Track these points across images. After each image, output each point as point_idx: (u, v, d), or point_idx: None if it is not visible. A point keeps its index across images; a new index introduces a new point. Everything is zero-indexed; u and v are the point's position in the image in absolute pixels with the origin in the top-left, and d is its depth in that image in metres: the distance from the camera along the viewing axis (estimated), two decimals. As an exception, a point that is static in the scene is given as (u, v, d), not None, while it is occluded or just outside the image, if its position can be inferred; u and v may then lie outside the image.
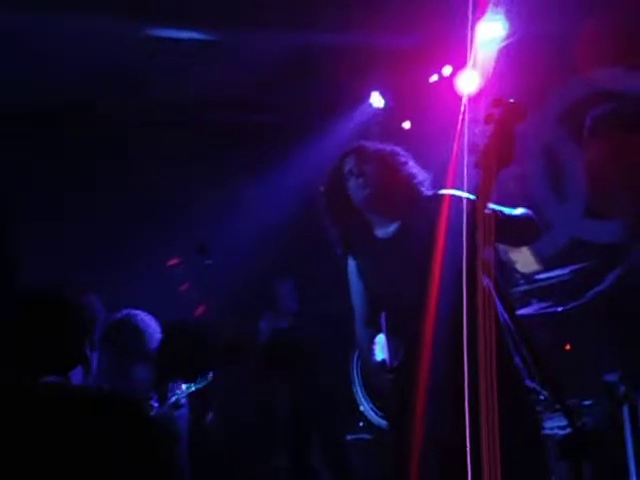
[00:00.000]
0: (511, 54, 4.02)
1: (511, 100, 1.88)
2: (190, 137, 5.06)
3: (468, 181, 2.00)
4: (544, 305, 3.63)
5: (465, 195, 2.24)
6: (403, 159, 2.53)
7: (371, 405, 3.06)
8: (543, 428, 2.28)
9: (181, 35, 4.24)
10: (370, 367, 2.45)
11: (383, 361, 2.41)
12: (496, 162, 1.85)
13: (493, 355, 1.45)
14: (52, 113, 4.79)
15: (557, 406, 1.75)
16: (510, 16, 3.87)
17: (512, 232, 2.30)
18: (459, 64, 4.36)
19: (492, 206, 2.16)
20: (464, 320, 1.57)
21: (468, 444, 1.33)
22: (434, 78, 4.62)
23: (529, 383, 2.27)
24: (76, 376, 1.73)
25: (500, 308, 2.26)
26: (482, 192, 1.86)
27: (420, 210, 2.43)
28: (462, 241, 1.75)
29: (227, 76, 4.77)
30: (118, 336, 3.51)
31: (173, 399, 3.54)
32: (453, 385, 1.74)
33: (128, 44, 4.25)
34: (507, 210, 2.34)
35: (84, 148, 4.84)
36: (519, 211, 2.42)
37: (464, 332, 1.53)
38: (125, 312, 3.73)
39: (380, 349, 2.46)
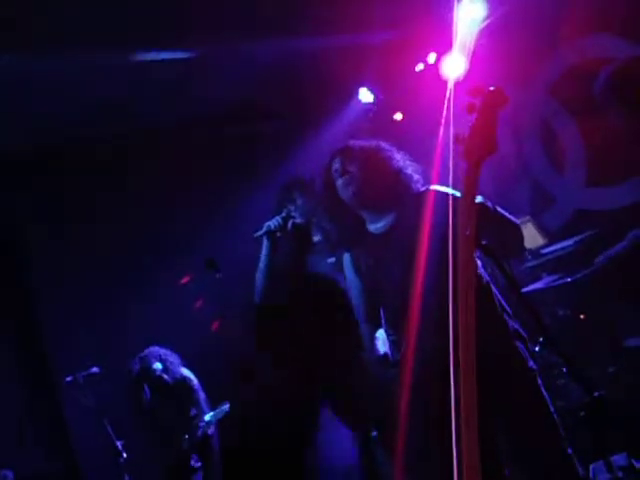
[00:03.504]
0: (494, 33, 4.02)
1: (491, 87, 1.88)
2: (187, 156, 5.08)
3: (454, 173, 2.00)
4: (554, 278, 3.62)
5: (454, 192, 2.23)
6: (388, 153, 2.55)
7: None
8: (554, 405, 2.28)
9: (167, 56, 4.26)
10: (372, 362, 2.45)
11: (385, 355, 2.42)
12: (480, 151, 1.86)
13: (472, 347, 1.48)
14: (50, 149, 4.82)
15: (572, 377, 1.75)
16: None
17: (498, 230, 2.22)
18: (443, 50, 4.36)
19: (482, 199, 2.17)
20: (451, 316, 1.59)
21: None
22: (420, 67, 4.62)
23: (532, 365, 2.28)
24: None
25: (499, 296, 2.28)
26: (468, 183, 1.86)
27: (411, 205, 2.43)
28: (451, 237, 1.75)
29: (216, 90, 4.79)
30: (139, 393, 3.59)
31: (201, 432, 3.62)
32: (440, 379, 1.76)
33: (116, 74, 4.28)
34: (499, 208, 2.32)
35: (83, 181, 4.87)
36: (511, 217, 2.37)
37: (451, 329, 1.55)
38: (143, 354, 3.78)
39: (382, 344, 2.46)
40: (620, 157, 4.01)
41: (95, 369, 3.87)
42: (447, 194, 2.31)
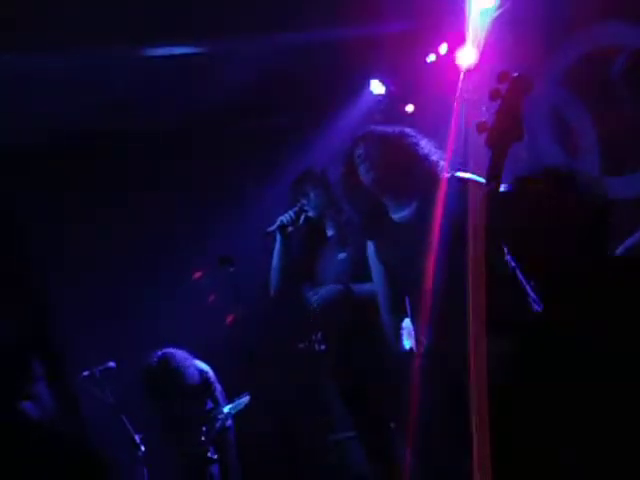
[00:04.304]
0: (506, 22, 3.99)
1: (515, 74, 1.86)
2: (194, 153, 5.10)
3: (475, 160, 1.99)
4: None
5: (478, 179, 2.22)
6: (412, 140, 2.52)
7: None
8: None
9: (173, 52, 4.26)
10: (397, 352, 2.44)
11: (410, 350, 2.41)
12: (505, 139, 1.84)
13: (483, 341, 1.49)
14: (53, 145, 4.85)
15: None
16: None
17: None
18: (454, 41, 4.34)
19: (506, 186, 2.15)
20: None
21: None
22: (431, 58, 4.59)
23: None
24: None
25: (525, 283, 2.26)
26: (493, 170, 1.85)
27: (436, 192, 2.40)
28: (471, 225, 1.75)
29: (226, 85, 4.79)
30: (156, 383, 3.61)
31: (219, 424, 3.63)
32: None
33: (121, 69, 4.29)
34: None
35: (87, 177, 4.89)
36: None
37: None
38: (160, 355, 3.81)
39: (407, 336, 2.45)
40: (634, 145, 3.97)
41: (112, 363, 3.89)
42: (473, 181, 2.29)
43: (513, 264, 2.32)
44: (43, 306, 4.84)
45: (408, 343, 2.42)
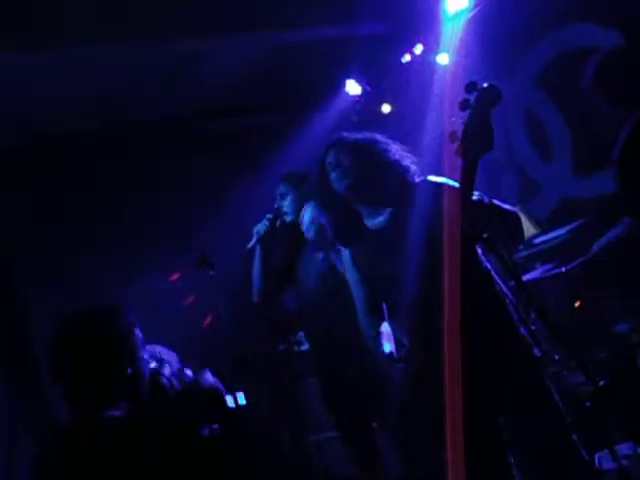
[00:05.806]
0: (480, 23, 4.03)
1: (485, 84, 1.89)
2: (183, 150, 5.07)
3: (449, 168, 2.01)
4: (548, 267, 3.64)
5: (452, 182, 2.23)
6: (384, 146, 2.50)
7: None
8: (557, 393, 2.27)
9: (155, 50, 4.24)
10: (377, 356, 2.44)
11: (390, 354, 2.41)
12: (476, 148, 1.86)
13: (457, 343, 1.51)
14: (48, 144, 4.81)
15: (573, 364, 1.77)
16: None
17: (498, 222, 2.21)
18: (429, 41, 4.37)
19: (478, 194, 2.18)
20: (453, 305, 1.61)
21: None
22: (406, 58, 4.62)
23: (537, 352, 2.26)
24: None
25: (502, 283, 2.29)
26: (464, 179, 1.86)
27: (408, 198, 2.40)
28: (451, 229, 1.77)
29: (205, 85, 4.77)
30: None
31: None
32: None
33: (110, 65, 4.26)
34: (495, 201, 2.28)
35: (84, 176, 4.86)
36: (508, 206, 2.33)
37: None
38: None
39: (386, 339, 2.45)
40: (606, 145, 4.03)
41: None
42: (444, 185, 2.30)
43: (487, 265, 2.35)
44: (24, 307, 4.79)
45: (388, 347, 2.42)
